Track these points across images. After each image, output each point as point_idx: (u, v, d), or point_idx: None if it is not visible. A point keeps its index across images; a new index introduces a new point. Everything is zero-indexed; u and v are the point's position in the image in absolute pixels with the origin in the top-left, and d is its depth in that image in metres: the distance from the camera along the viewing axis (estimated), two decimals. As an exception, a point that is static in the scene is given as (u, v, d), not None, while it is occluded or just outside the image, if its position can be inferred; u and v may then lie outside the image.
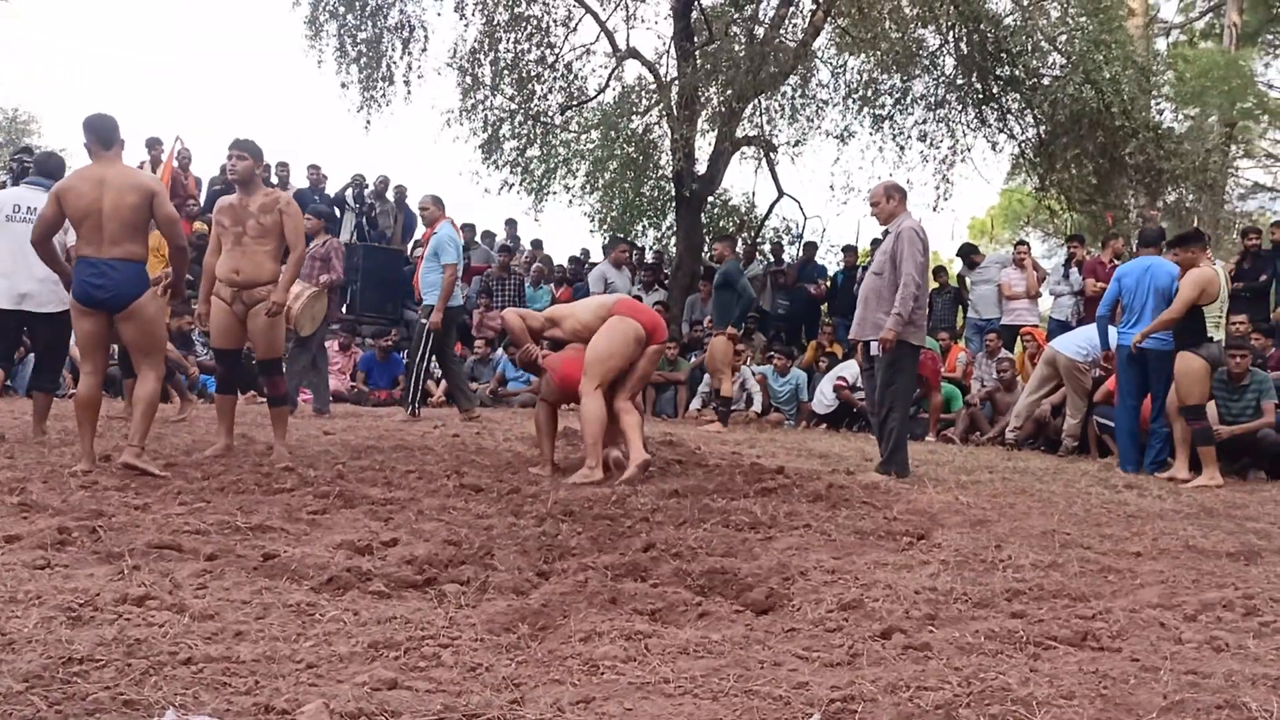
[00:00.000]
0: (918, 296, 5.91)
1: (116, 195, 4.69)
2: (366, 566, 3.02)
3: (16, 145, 13.05)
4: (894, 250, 5.95)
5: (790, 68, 13.61)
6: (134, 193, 4.72)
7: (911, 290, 5.85)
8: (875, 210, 6.27)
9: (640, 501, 4.61)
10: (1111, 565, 3.51)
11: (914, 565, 3.41)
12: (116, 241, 4.72)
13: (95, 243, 4.72)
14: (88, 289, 4.74)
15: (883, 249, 6.15)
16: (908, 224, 6.02)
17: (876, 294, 6.05)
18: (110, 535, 3.20)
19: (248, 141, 5.61)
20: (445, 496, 4.58)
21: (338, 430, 7.35)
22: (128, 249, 4.75)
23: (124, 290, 4.73)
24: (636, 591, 2.98)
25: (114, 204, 4.68)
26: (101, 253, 4.72)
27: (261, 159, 5.81)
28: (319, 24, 13.79)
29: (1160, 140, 12.40)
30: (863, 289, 6.33)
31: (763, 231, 15.77)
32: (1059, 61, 12.27)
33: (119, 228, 4.72)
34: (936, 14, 12.52)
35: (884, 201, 6.19)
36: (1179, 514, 5.03)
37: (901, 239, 5.93)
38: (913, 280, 5.84)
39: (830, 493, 5.04)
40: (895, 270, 5.92)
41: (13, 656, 2.01)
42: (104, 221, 4.70)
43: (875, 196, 6.27)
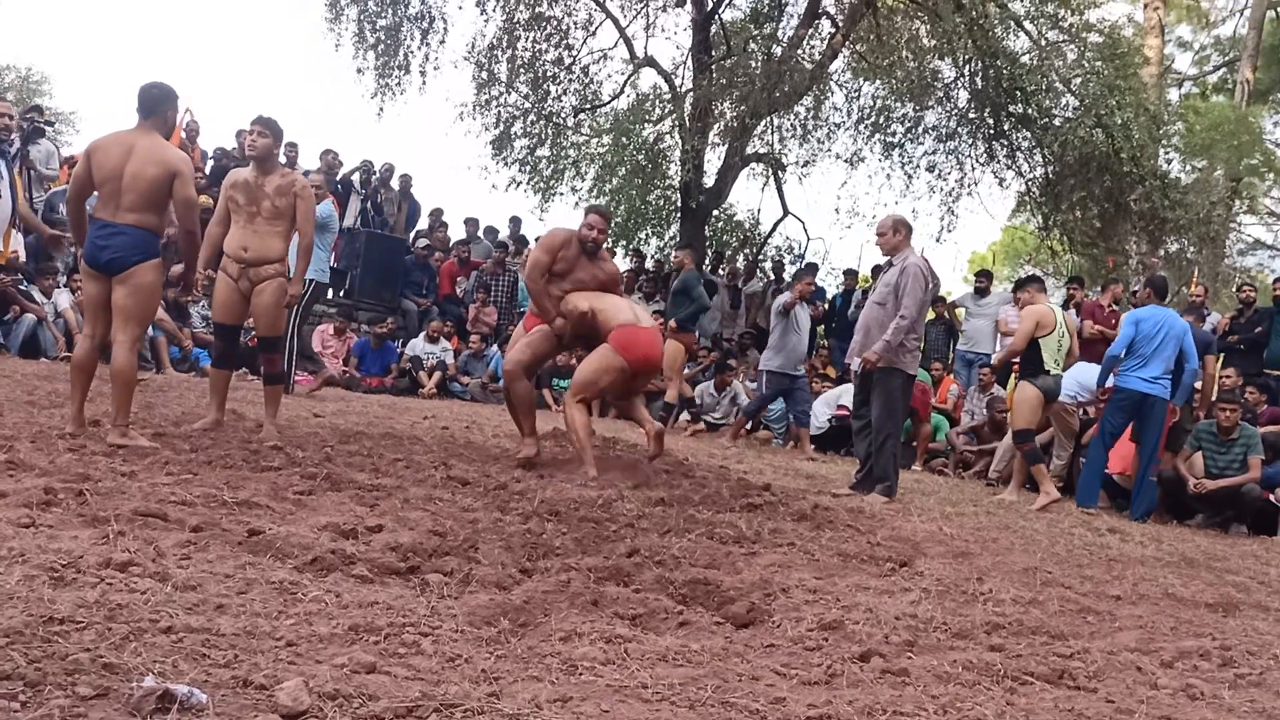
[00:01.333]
0: (912, 330, 6.20)
1: (139, 165, 4.70)
2: (351, 550, 3.01)
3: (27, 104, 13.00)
4: (898, 284, 6.17)
5: (805, 88, 13.69)
6: (156, 166, 4.72)
7: (905, 325, 6.13)
8: (881, 241, 6.47)
9: (626, 507, 4.61)
10: (1091, 606, 3.52)
11: (896, 591, 3.42)
12: (132, 209, 4.73)
13: (111, 207, 4.75)
14: (94, 250, 4.76)
15: (886, 280, 6.32)
16: (914, 260, 6.23)
17: (878, 324, 6.26)
18: (96, 499, 3.19)
19: (270, 119, 5.61)
20: (432, 487, 4.57)
21: (327, 414, 7.34)
22: (141, 217, 4.75)
23: (126, 253, 4.73)
24: (619, 596, 2.98)
25: (134, 172, 4.69)
26: (115, 217, 4.74)
27: (282, 138, 5.82)
28: (340, 7, 13.82)
29: (1166, 189, 12.49)
30: (864, 316, 6.49)
31: (765, 249, 15.81)
32: (1072, 103, 12.35)
33: (136, 196, 4.73)
34: (954, 47, 12.60)
35: (890, 234, 6.40)
36: (1160, 561, 5.05)
37: (907, 274, 6.15)
38: (910, 315, 6.10)
39: (815, 513, 5.05)
40: (898, 302, 6.14)
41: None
42: (123, 188, 4.72)
43: (883, 228, 6.45)
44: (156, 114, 4.89)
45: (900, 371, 6.21)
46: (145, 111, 4.86)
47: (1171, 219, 12.50)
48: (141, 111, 4.87)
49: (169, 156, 4.81)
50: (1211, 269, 14.86)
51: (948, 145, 14.38)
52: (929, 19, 13.49)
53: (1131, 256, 13.47)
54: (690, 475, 6.08)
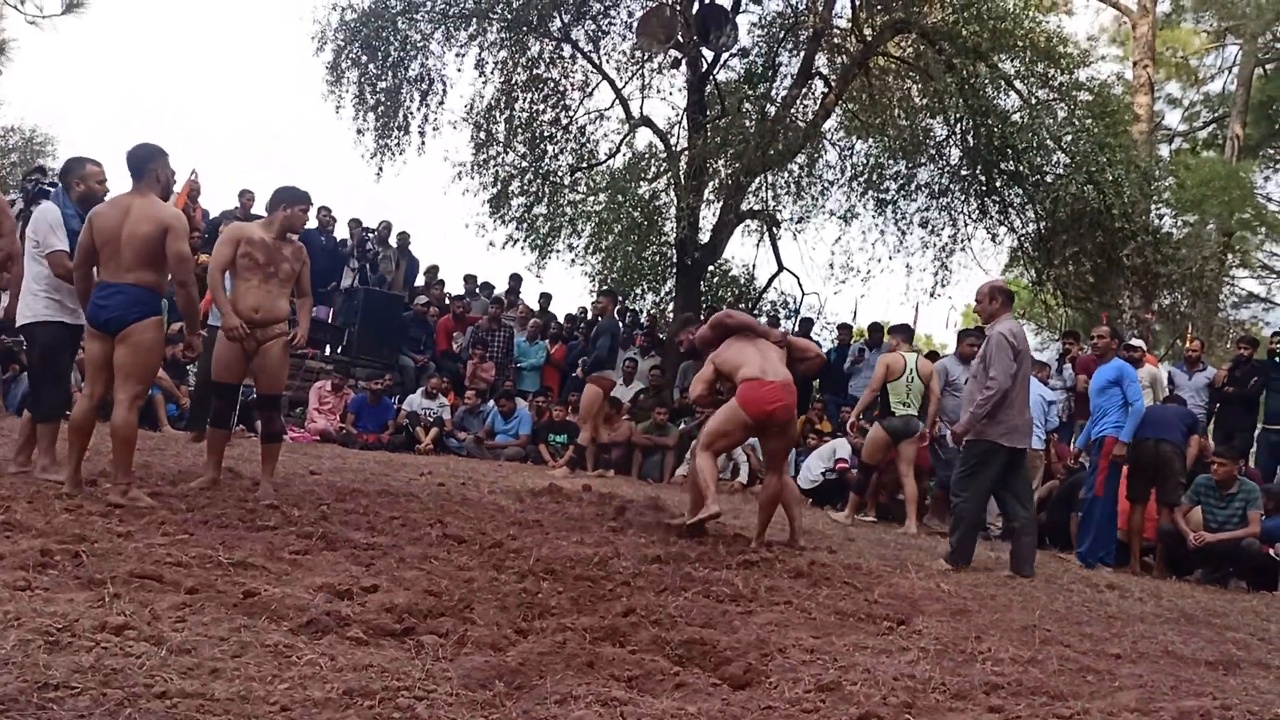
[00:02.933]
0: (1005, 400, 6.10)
1: (134, 224, 4.78)
2: (346, 611, 3.00)
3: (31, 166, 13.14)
4: (985, 353, 6.20)
5: (798, 147, 13.87)
6: (148, 223, 4.79)
7: (993, 395, 6.07)
8: (978, 309, 6.51)
9: (622, 565, 4.60)
10: (1091, 665, 3.51)
11: (893, 650, 3.40)
12: (130, 268, 4.81)
13: (112, 268, 4.85)
14: (96, 310, 4.83)
15: (981, 352, 6.33)
16: (1001, 328, 6.21)
17: (969, 397, 6.39)
18: (92, 561, 3.18)
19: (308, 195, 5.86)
20: (427, 545, 4.57)
21: (324, 471, 7.34)
22: (140, 275, 4.82)
23: (125, 311, 4.78)
24: (615, 657, 2.97)
25: (130, 232, 4.77)
26: (115, 277, 4.81)
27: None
28: (341, 70, 14.02)
29: (1159, 244, 12.61)
30: (968, 391, 6.58)
31: (760, 304, 15.89)
32: (1063, 160, 12.50)
33: (133, 255, 4.80)
34: (945, 106, 12.78)
35: (987, 302, 6.38)
36: (1159, 618, 5.02)
37: (991, 343, 6.16)
38: (998, 385, 6.05)
39: (812, 570, 5.03)
40: (986, 374, 6.14)
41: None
42: (121, 248, 4.81)
43: (980, 296, 6.47)
44: (146, 174, 4.98)
45: (985, 441, 6.14)
46: (135, 173, 4.96)
47: (1164, 274, 12.61)
48: (132, 173, 4.96)
49: (160, 213, 4.89)
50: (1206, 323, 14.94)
51: (940, 202, 14.53)
52: (920, 79, 13.71)
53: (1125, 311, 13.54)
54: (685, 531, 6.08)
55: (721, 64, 14.19)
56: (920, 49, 13.46)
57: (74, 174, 5.63)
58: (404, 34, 13.90)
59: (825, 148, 15.54)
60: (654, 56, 14.33)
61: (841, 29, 14.04)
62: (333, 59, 13.96)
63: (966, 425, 6.19)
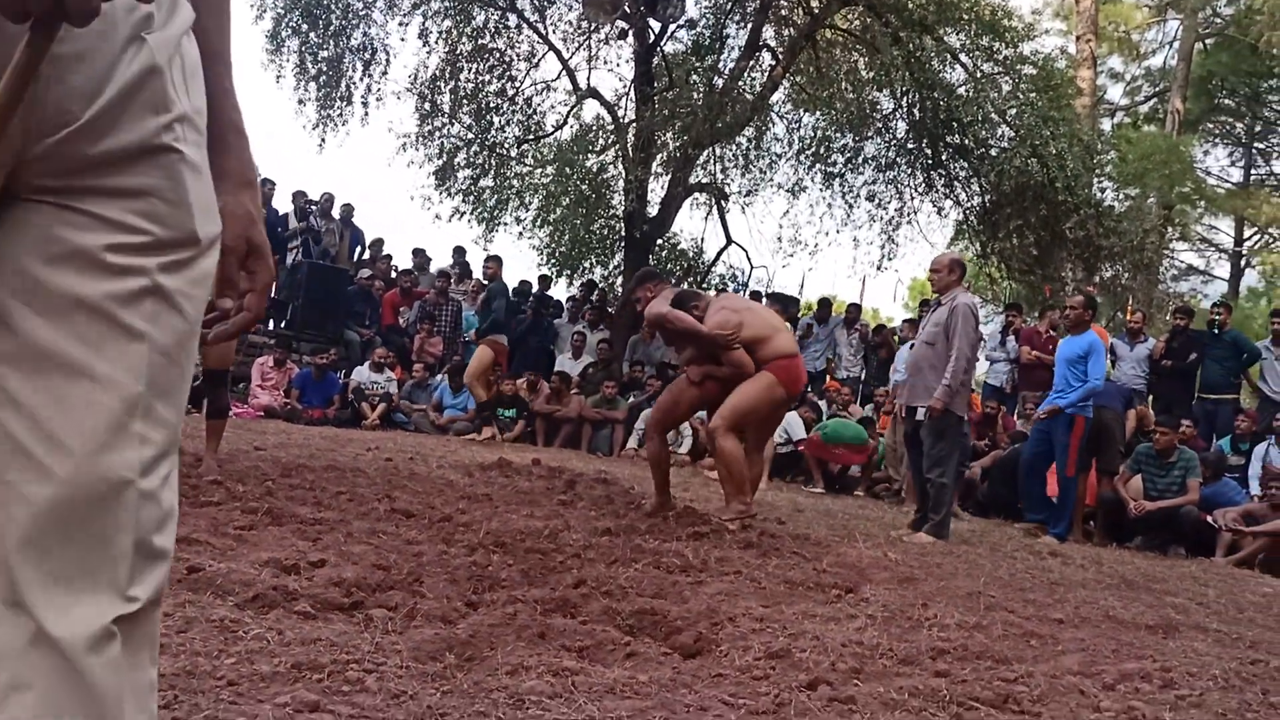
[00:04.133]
0: (967, 370, 6.31)
1: None
2: (293, 586, 2.96)
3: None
4: (949, 324, 6.22)
5: (746, 119, 13.86)
6: None
7: (963, 365, 6.23)
8: (935, 278, 6.55)
9: (572, 537, 4.59)
10: (1034, 630, 3.57)
11: (842, 618, 3.44)
12: None
13: None
14: None
15: (934, 320, 6.39)
16: (963, 300, 6.32)
17: (930, 364, 6.32)
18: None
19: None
20: (375, 520, 4.52)
21: (269, 446, 7.22)
22: None
23: None
24: (565, 628, 2.96)
25: None
26: None
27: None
28: (281, 39, 13.74)
29: (1101, 217, 12.81)
30: (914, 357, 6.56)
31: (709, 277, 15.93)
32: (1007, 134, 12.64)
33: None
34: (892, 79, 12.85)
35: (945, 273, 6.45)
36: (1100, 584, 5.13)
37: (957, 314, 6.22)
38: (964, 356, 6.19)
39: (761, 540, 5.06)
40: (948, 343, 6.19)
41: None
42: None
43: (938, 265, 6.53)
44: None
45: (954, 414, 6.26)
46: None
47: (1106, 246, 12.82)
48: None
49: None
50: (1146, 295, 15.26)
51: (887, 175, 14.65)
52: (867, 52, 13.77)
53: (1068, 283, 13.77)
54: (636, 504, 6.09)
55: (669, 35, 14.14)
56: (867, 21, 13.50)
57: None
58: (346, 2, 13.65)
59: (773, 120, 15.56)
60: (601, 27, 14.23)
61: (788, 1, 14.03)
62: (272, 27, 13.69)
63: (945, 398, 6.16)
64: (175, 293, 0.97)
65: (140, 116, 0.96)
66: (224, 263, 1.10)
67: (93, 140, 0.93)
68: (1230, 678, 3.05)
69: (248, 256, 1.14)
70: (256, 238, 1.14)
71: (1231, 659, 3.37)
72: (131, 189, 0.95)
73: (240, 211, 1.11)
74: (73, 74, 0.91)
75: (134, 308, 0.93)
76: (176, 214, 0.97)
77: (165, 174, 0.97)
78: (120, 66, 0.95)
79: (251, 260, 1.15)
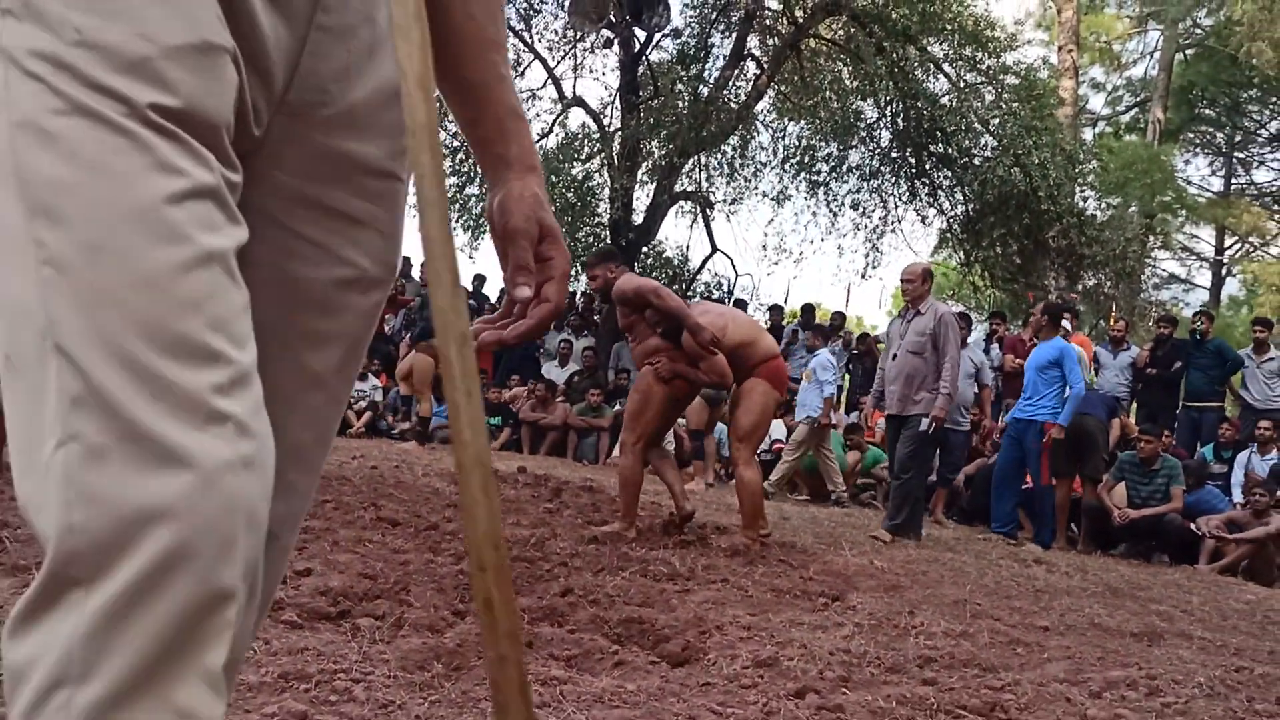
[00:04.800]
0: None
1: None
2: (279, 595, 2.93)
3: None
4: (935, 333, 6.37)
5: (731, 128, 13.90)
6: None
7: (957, 373, 6.47)
8: (909, 288, 6.61)
9: (559, 546, 4.59)
10: (1020, 638, 3.58)
11: (829, 626, 3.44)
12: None
13: None
14: None
15: (918, 330, 6.46)
16: (945, 311, 6.52)
17: (919, 374, 6.43)
18: (15, 547, 3.06)
19: None
20: (361, 529, 4.49)
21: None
22: None
23: None
24: (553, 636, 2.95)
25: None
26: None
27: None
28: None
29: (1083, 226, 12.91)
30: (899, 367, 6.58)
31: (694, 285, 15.95)
32: (991, 143, 12.72)
33: None
34: (876, 88, 12.92)
35: (919, 282, 6.57)
36: (1086, 591, 5.15)
37: (944, 323, 6.38)
38: (956, 364, 6.41)
39: (748, 549, 5.06)
40: (936, 352, 6.36)
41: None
42: None
43: (912, 275, 6.61)
44: None
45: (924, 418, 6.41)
46: None
47: (1089, 255, 12.92)
48: None
49: None
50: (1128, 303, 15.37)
51: (871, 184, 14.72)
52: (851, 61, 13.83)
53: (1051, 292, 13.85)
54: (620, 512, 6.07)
55: (654, 44, 14.17)
56: (851, 31, 13.57)
57: None
58: (329, 9, 13.60)
59: (758, 129, 15.61)
60: (586, 36, 14.25)
61: (773, 10, 14.09)
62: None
63: (946, 407, 6.36)
64: (367, 337, 1.00)
65: (389, 131, 0.93)
66: (517, 247, 1.05)
67: (340, 134, 0.90)
68: (1215, 685, 3.07)
69: (541, 240, 1.07)
70: (547, 220, 1.07)
71: (1216, 666, 3.38)
72: (358, 216, 0.94)
73: (528, 194, 1.06)
74: (334, 47, 0.88)
75: (354, 351, 0.98)
76: (388, 249, 0.97)
77: (389, 205, 0.96)
78: (380, 61, 0.93)
79: (547, 245, 1.07)
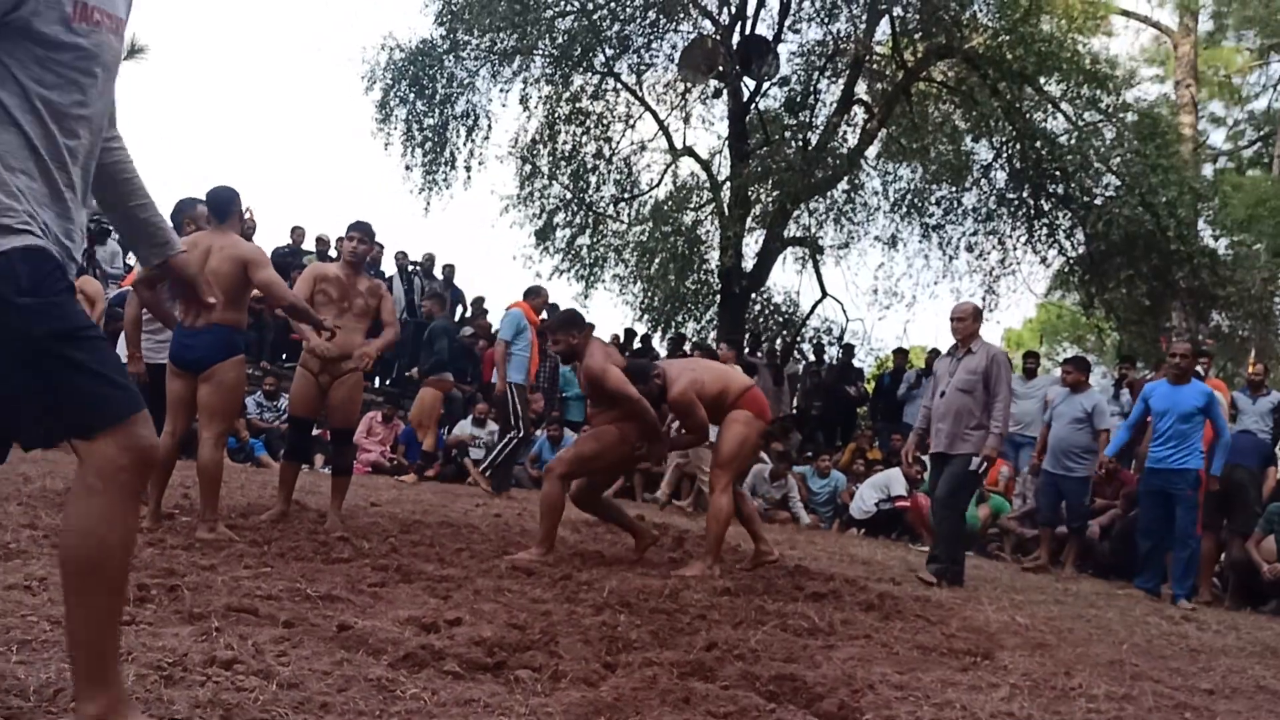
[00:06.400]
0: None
1: (214, 264, 4.82)
2: (438, 645, 3.00)
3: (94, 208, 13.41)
4: (987, 371, 6.34)
5: (841, 173, 13.87)
6: (227, 262, 4.85)
7: (1009, 412, 6.49)
8: (960, 327, 6.58)
9: (694, 597, 4.57)
10: (1186, 702, 3.43)
11: (983, 686, 3.35)
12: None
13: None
14: (179, 349, 4.90)
15: (968, 368, 6.42)
16: (999, 350, 6.55)
17: (968, 411, 6.37)
18: (189, 595, 3.21)
19: (367, 225, 5.84)
20: (498, 578, 4.57)
21: (383, 503, 7.38)
22: (222, 315, 4.81)
23: (209, 352, 4.84)
24: (707, 692, 2.94)
25: (213, 269, 4.80)
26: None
27: (373, 242, 6.04)
28: (389, 108, 14.25)
29: (1215, 266, 12.43)
30: (947, 404, 6.50)
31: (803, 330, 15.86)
32: (1113, 182, 12.40)
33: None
34: (991, 129, 12.74)
35: (970, 321, 6.59)
36: (1243, 651, 4.92)
37: (997, 363, 6.39)
38: (1008, 403, 6.43)
39: (883, 603, 4.97)
40: (986, 391, 6.33)
41: (116, 714, 2.01)
42: None
43: (963, 314, 6.63)
44: (229, 214, 5.06)
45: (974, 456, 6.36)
46: (218, 215, 5.03)
47: (1221, 296, 12.44)
48: (216, 215, 5.03)
49: (240, 249, 4.96)
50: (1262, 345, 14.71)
51: (986, 226, 14.46)
52: (963, 103, 13.69)
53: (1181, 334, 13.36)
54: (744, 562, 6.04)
55: (763, 93, 14.27)
56: (963, 73, 13.44)
57: (185, 213, 5.67)
58: (450, 71, 14.12)
59: (868, 173, 15.53)
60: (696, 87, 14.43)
61: (882, 55, 14.06)
62: (381, 97, 14.21)
63: (998, 446, 6.37)
64: None
65: None
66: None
67: None
68: None
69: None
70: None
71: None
72: None
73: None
74: None
75: None
76: None
77: None
78: None
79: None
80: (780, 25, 13.89)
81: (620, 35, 14.00)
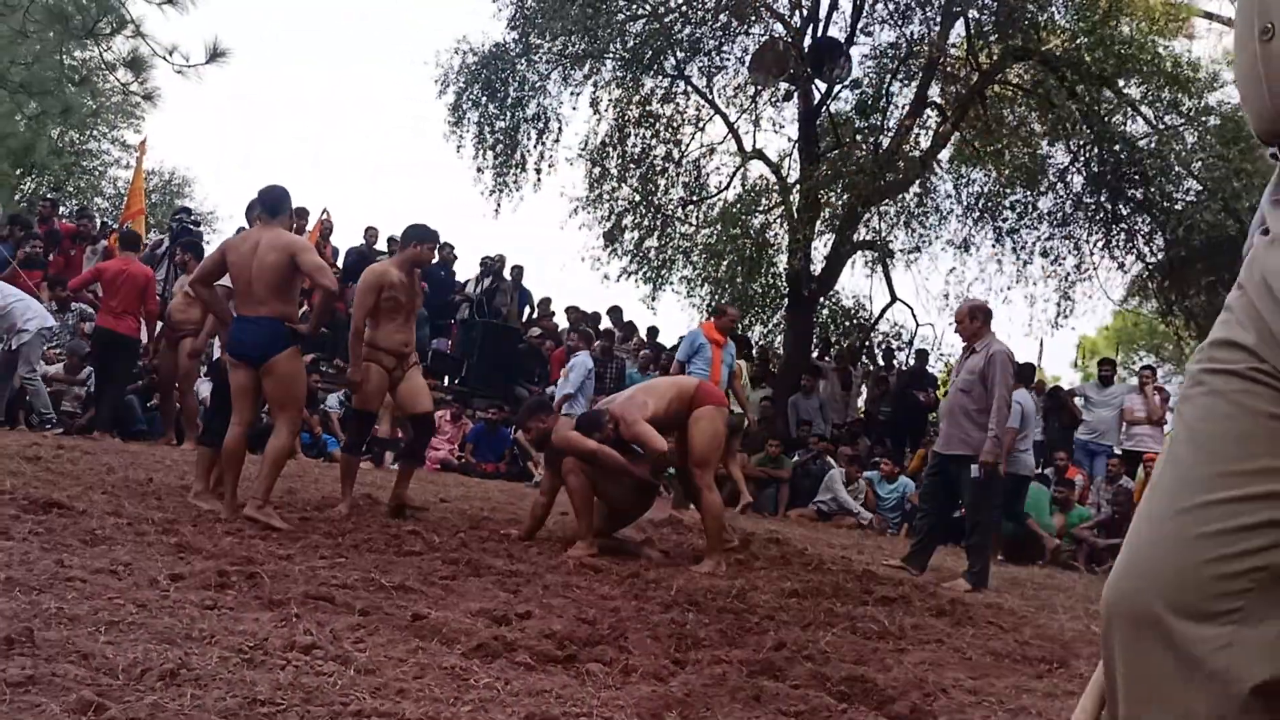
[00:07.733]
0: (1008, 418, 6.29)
1: (263, 255, 4.97)
2: (509, 636, 3.04)
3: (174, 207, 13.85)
4: (984, 371, 6.15)
5: (913, 177, 13.69)
6: (274, 252, 4.99)
7: (1005, 413, 6.13)
8: (960, 328, 6.48)
9: (761, 598, 4.57)
10: (1271, 714, 3.33)
11: (1059, 694, 3.29)
12: (262, 301, 5.00)
13: (247, 302, 5.06)
14: (236, 343, 5.07)
15: (970, 367, 6.31)
16: (999, 349, 6.24)
17: (964, 411, 6.23)
18: (270, 582, 3.29)
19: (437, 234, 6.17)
20: (566, 574, 4.61)
21: (452, 499, 7.47)
22: (273, 307, 5.00)
23: (265, 345, 4.98)
24: (777, 691, 2.93)
25: (260, 263, 4.97)
26: (251, 311, 5.02)
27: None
28: (462, 111, 14.42)
29: (1299, 273, 12.01)
30: (948, 404, 6.49)
31: (872, 335, 15.69)
32: (1194, 187, 12.06)
33: (264, 287, 4.99)
34: (1069, 132, 12.47)
35: (968, 321, 6.41)
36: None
37: (994, 363, 6.13)
38: (1005, 404, 6.12)
39: (954, 608, 4.91)
40: (986, 391, 6.12)
41: (202, 693, 2.08)
42: (252, 281, 4.99)
43: (960, 315, 6.50)
44: (282, 211, 5.24)
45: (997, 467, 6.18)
46: (271, 211, 5.19)
47: (1307, 304, 12.01)
48: (268, 212, 5.18)
49: (283, 239, 5.10)
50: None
51: (1062, 230, 14.16)
52: (1039, 105, 13.42)
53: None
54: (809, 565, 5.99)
55: (834, 95, 14.15)
56: (1039, 76, 13.18)
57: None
58: (522, 75, 14.24)
59: (941, 176, 15.31)
60: (766, 89, 14.37)
61: (956, 58, 13.85)
62: (454, 100, 14.38)
63: (995, 450, 6.04)
64: None
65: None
66: None
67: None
68: None
69: None
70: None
71: None
72: None
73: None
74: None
75: None
76: None
77: None
78: None
79: None
80: (853, 28, 13.77)
81: (691, 38, 13.99)
